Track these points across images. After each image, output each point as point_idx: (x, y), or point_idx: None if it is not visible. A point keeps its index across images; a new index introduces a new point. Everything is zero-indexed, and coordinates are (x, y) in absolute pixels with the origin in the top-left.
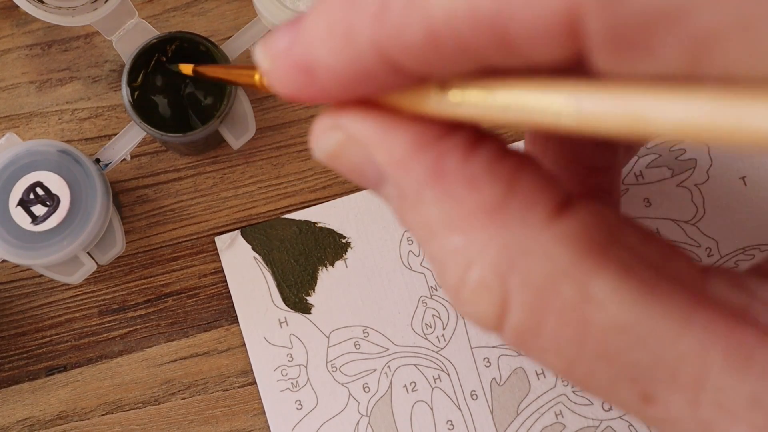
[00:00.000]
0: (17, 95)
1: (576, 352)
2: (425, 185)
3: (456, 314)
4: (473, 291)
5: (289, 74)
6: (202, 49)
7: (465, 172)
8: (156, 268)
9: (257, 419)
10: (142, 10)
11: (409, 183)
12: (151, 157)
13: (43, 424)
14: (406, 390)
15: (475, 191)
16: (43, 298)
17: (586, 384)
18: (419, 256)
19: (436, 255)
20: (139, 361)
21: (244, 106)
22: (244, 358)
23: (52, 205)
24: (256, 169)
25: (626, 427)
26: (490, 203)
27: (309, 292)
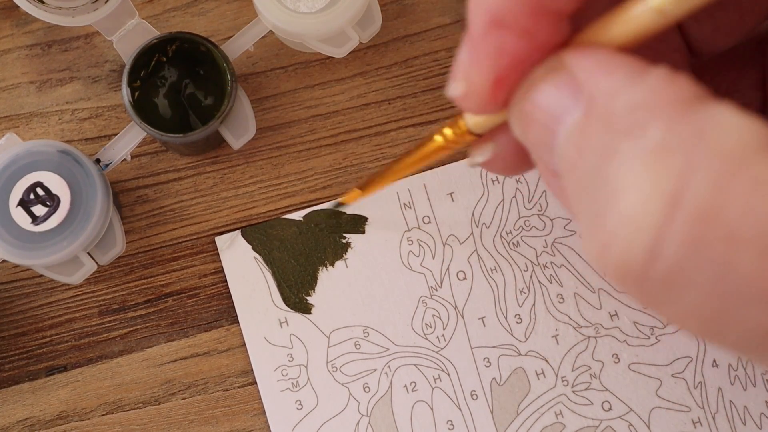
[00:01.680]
0: (17, 95)
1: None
2: (624, 83)
3: (456, 314)
4: (650, 156)
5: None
6: (202, 49)
7: (667, 74)
8: (156, 268)
9: (257, 419)
10: (143, 10)
11: (609, 83)
12: (151, 157)
13: (43, 424)
14: (406, 390)
15: (673, 86)
16: (43, 298)
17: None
18: (419, 256)
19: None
20: (139, 361)
21: (245, 106)
22: (245, 358)
23: (53, 206)
24: (256, 169)
25: (626, 427)
26: (688, 95)
27: (309, 292)
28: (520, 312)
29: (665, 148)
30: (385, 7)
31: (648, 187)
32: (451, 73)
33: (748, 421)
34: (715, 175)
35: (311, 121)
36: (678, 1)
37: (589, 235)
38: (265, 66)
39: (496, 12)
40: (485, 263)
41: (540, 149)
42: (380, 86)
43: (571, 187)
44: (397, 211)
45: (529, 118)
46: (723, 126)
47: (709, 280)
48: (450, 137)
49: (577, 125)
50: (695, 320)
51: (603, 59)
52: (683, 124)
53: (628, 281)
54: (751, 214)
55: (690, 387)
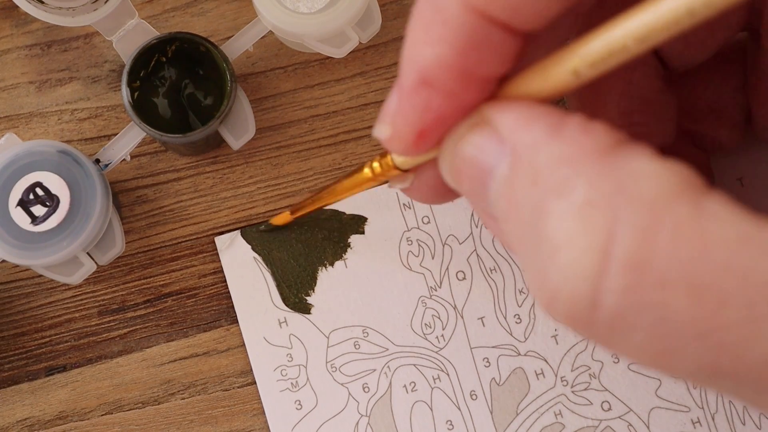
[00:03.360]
0: (17, 95)
1: (698, 269)
2: (544, 137)
3: (455, 314)
4: (578, 213)
5: (412, 111)
6: (202, 49)
7: (583, 124)
8: (156, 268)
9: (257, 419)
10: (142, 10)
11: (529, 136)
12: (151, 157)
13: (43, 424)
14: (406, 390)
15: (590, 135)
16: (43, 299)
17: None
18: (419, 257)
19: (537, 201)
20: (138, 361)
21: (244, 106)
22: (244, 358)
23: (52, 206)
24: (256, 170)
25: (626, 427)
26: (605, 144)
27: (309, 292)
28: (520, 312)
29: (591, 205)
30: (384, 7)
31: (580, 242)
32: (380, 113)
33: (748, 422)
34: (639, 226)
35: (311, 121)
36: (592, 65)
37: (534, 283)
38: (264, 66)
39: (425, 72)
40: (485, 263)
41: (474, 198)
42: (380, 86)
43: (511, 236)
44: (397, 212)
45: (460, 171)
46: (640, 176)
47: (650, 323)
48: (377, 170)
49: (506, 179)
50: (645, 358)
51: (522, 113)
52: (604, 178)
53: (577, 327)
54: (677, 259)
55: (689, 387)
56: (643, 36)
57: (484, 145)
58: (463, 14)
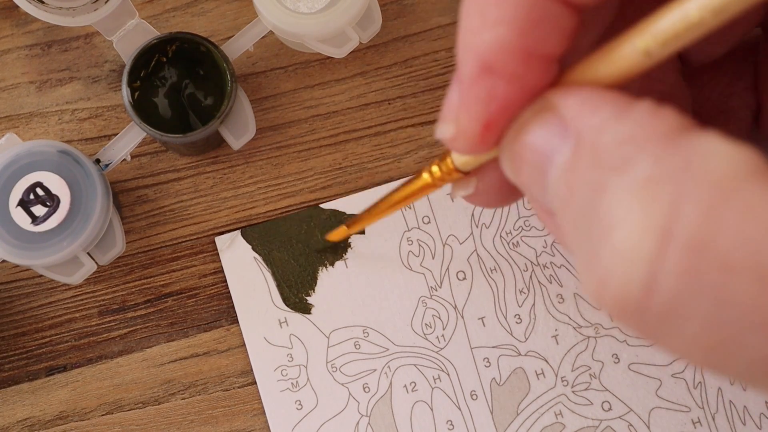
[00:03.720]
0: (17, 95)
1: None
2: (610, 119)
3: (456, 314)
4: (638, 190)
5: (476, 102)
6: (202, 49)
7: (651, 107)
8: (156, 268)
9: (257, 419)
10: (142, 10)
11: (595, 119)
12: (151, 157)
13: (43, 424)
14: (406, 390)
15: (658, 118)
16: (43, 299)
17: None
18: (419, 257)
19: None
20: (139, 361)
21: (244, 106)
22: (244, 358)
23: (52, 206)
24: (256, 170)
25: (626, 427)
26: (673, 127)
27: (309, 292)
28: (520, 312)
29: (654, 181)
30: (385, 7)
31: (639, 220)
32: (441, 113)
33: (748, 421)
34: (705, 204)
35: (311, 121)
36: (664, 44)
37: (585, 271)
38: (265, 66)
39: (486, 57)
40: (485, 263)
41: (533, 189)
42: (380, 86)
43: (566, 225)
44: (397, 211)
45: (520, 160)
46: (710, 155)
47: (708, 310)
48: (437, 175)
49: (567, 163)
50: (697, 352)
51: (588, 97)
52: (670, 155)
53: (627, 316)
54: (744, 241)
55: (690, 387)
56: (721, 6)
57: (547, 130)
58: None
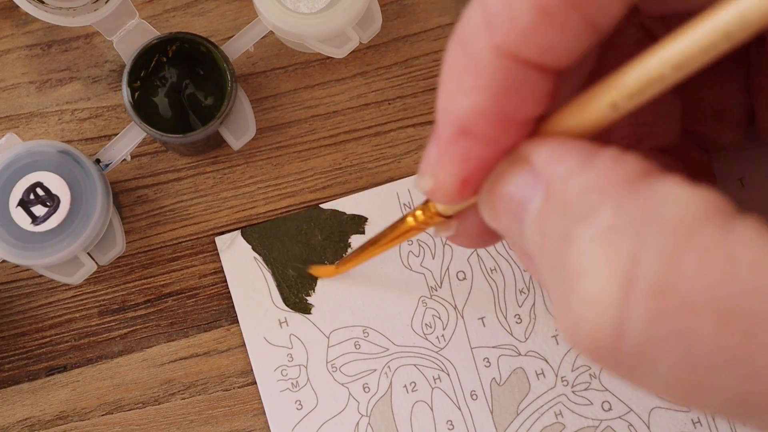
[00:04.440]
0: (17, 95)
1: (726, 293)
2: (576, 168)
3: (456, 314)
4: (601, 239)
5: (453, 162)
6: (202, 49)
7: (614, 155)
8: (156, 269)
9: (257, 419)
10: (143, 10)
11: (563, 168)
12: (151, 157)
13: (43, 424)
14: (406, 390)
15: (620, 164)
16: (43, 299)
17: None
18: (419, 257)
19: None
20: (139, 361)
21: (245, 106)
22: (244, 358)
23: (53, 206)
24: (256, 170)
25: (626, 427)
26: (634, 173)
27: (309, 292)
28: (520, 312)
29: (615, 229)
30: (385, 7)
31: (603, 269)
32: (420, 166)
33: None
34: (664, 250)
35: (311, 121)
36: (629, 98)
37: (559, 315)
38: (265, 66)
39: (462, 122)
40: (485, 263)
41: (512, 235)
42: (380, 86)
43: (542, 270)
44: (397, 211)
45: (497, 209)
46: (668, 200)
47: (677, 351)
48: (420, 219)
49: (539, 211)
50: (672, 391)
51: (557, 147)
52: (630, 203)
53: (601, 359)
54: (703, 284)
55: None
56: (681, 63)
57: (520, 181)
58: (495, 60)
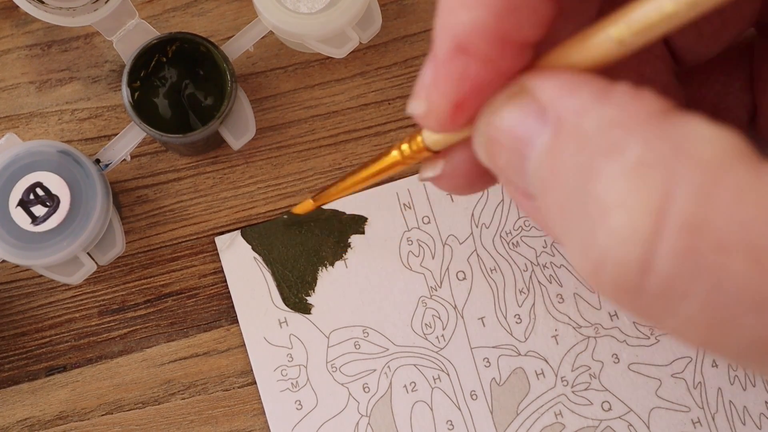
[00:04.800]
0: (17, 95)
1: (759, 232)
2: (591, 102)
3: (456, 314)
4: (630, 175)
5: (448, 81)
6: (202, 49)
7: (631, 90)
8: (156, 269)
9: (257, 419)
10: (142, 10)
11: (575, 102)
12: (151, 157)
13: (43, 424)
14: (406, 390)
15: (640, 100)
16: (43, 299)
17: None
18: (419, 257)
19: (584, 164)
20: (139, 361)
21: (244, 106)
22: (244, 358)
23: (52, 206)
24: (256, 170)
25: (626, 427)
26: (656, 109)
27: (309, 292)
28: (520, 312)
29: (646, 164)
30: (385, 7)
31: (634, 203)
32: (413, 90)
33: (748, 422)
34: (698, 185)
35: (311, 121)
36: (637, 33)
37: (579, 253)
38: (264, 66)
39: (461, 38)
40: (485, 263)
41: (509, 173)
42: (380, 86)
43: (551, 208)
44: (397, 211)
45: (495, 144)
46: (698, 137)
47: (704, 290)
48: (407, 153)
49: (548, 146)
50: (694, 332)
51: (565, 81)
52: (660, 139)
53: (624, 297)
54: (737, 221)
55: (690, 387)
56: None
57: (524, 115)
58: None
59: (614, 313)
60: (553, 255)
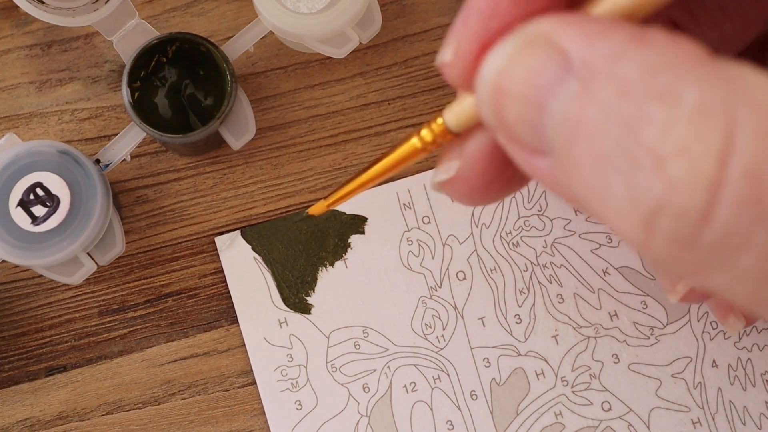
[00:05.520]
0: (17, 95)
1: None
2: (626, 47)
3: (456, 314)
4: (690, 122)
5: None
6: (202, 49)
7: (668, 35)
8: (156, 269)
9: (257, 419)
10: (142, 10)
11: (606, 48)
12: (151, 157)
13: (43, 424)
14: (406, 390)
15: (681, 46)
16: (43, 299)
17: None
18: (419, 257)
19: (629, 112)
20: (139, 361)
21: (244, 106)
22: (244, 358)
23: (52, 206)
24: (256, 170)
25: (626, 427)
26: (700, 54)
27: (309, 292)
28: (520, 312)
29: (704, 110)
30: (385, 7)
31: (696, 149)
32: (444, 41)
33: (748, 422)
34: (761, 132)
35: (311, 121)
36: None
37: (624, 207)
38: (264, 66)
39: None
40: (485, 263)
41: (520, 128)
42: (380, 86)
43: (581, 162)
44: (397, 212)
45: (506, 95)
46: (753, 84)
47: (764, 240)
48: (428, 138)
49: (577, 95)
50: (747, 285)
51: (590, 26)
52: (714, 84)
53: (677, 250)
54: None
55: (690, 387)
56: None
57: (542, 61)
58: None
59: (614, 313)
60: (553, 255)
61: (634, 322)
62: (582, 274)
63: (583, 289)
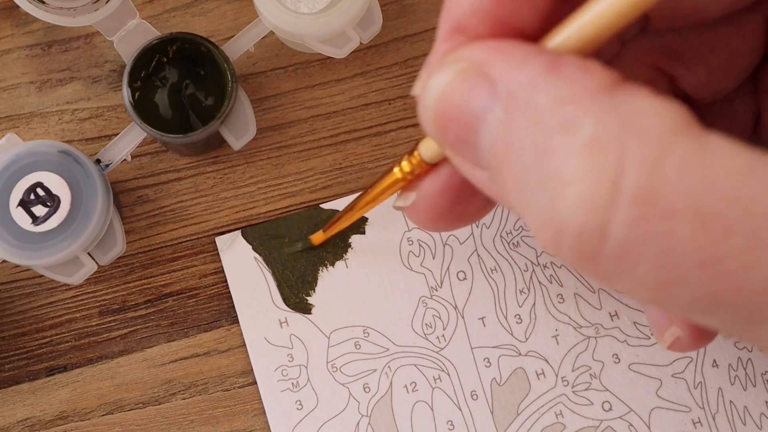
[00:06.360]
0: (17, 95)
1: (704, 199)
2: (540, 76)
3: (456, 314)
4: (586, 149)
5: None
6: (202, 49)
7: (579, 63)
8: (156, 269)
9: (257, 419)
10: (143, 10)
11: (525, 77)
12: (152, 157)
13: (44, 424)
14: (407, 390)
15: (589, 74)
16: (44, 299)
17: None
18: (419, 256)
19: (540, 140)
20: (139, 361)
21: (245, 106)
22: (245, 358)
23: (53, 206)
24: (257, 170)
25: (626, 427)
26: (605, 83)
27: (309, 292)
28: (520, 312)
29: (599, 140)
30: (385, 7)
31: (591, 177)
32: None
33: (748, 422)
34: (648, 157)
35: (311, 121)
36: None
37: (539, 223)
38: (265, 66)
39: (460, 20)
40: (485, 263)
41: (461, 148)
42: (380, 86)
43: (507, 180)
44: (398, 211)
45: (446, 120)
46: (645, 112)
47: (656, 254)
48: (406, 169)
49: (501, 122)
50: (646, 291)
51: (512, 52)
52: (609, 115)
53: (583, 262)
54: (684, 189)
55: (690, 387)
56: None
57: (473, 90)
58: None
59: (614, 313)
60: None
61: (634, 322)
62: (582, 274)
63: (584, 289)
